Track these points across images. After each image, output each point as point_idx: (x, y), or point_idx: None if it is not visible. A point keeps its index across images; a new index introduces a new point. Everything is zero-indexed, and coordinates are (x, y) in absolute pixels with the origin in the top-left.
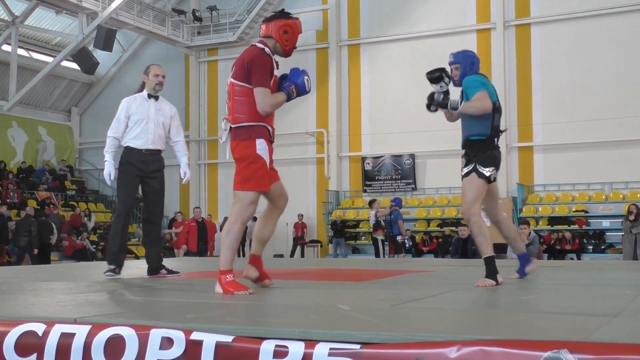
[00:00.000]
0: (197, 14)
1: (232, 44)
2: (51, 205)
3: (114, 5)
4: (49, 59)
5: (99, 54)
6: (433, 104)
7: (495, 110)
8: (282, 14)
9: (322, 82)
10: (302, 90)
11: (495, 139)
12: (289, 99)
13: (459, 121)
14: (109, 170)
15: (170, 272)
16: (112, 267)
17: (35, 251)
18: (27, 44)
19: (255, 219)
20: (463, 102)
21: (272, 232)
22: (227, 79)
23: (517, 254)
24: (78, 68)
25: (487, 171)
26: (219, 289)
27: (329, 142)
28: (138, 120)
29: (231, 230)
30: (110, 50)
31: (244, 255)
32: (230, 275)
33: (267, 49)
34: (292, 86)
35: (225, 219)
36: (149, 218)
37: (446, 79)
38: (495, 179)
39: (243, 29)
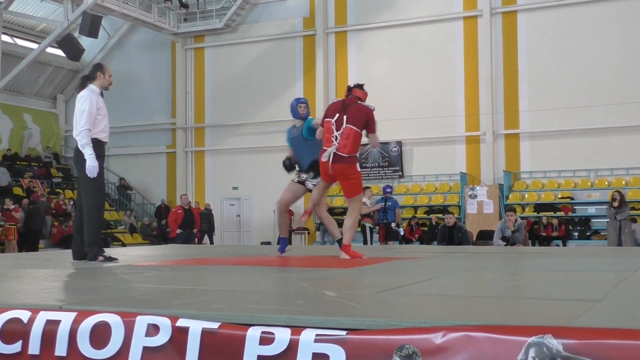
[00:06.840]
0: (183, 0)
1: (218, 30)
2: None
3: None
4: (34, 46)
5: (85, 41)
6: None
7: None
8: (361, 86)
9: (309, 69)
10: None
11: None
12: None
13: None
14: (97, 163)
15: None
16: (105, 254)
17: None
18: (12, 30)
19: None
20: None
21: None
22: (214, 66)
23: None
24: (63, 55)
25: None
26: (345, 256)
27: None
28: (104, 114)
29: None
30: (96, 37)
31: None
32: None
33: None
34: None
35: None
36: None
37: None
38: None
39: (230, 15)
